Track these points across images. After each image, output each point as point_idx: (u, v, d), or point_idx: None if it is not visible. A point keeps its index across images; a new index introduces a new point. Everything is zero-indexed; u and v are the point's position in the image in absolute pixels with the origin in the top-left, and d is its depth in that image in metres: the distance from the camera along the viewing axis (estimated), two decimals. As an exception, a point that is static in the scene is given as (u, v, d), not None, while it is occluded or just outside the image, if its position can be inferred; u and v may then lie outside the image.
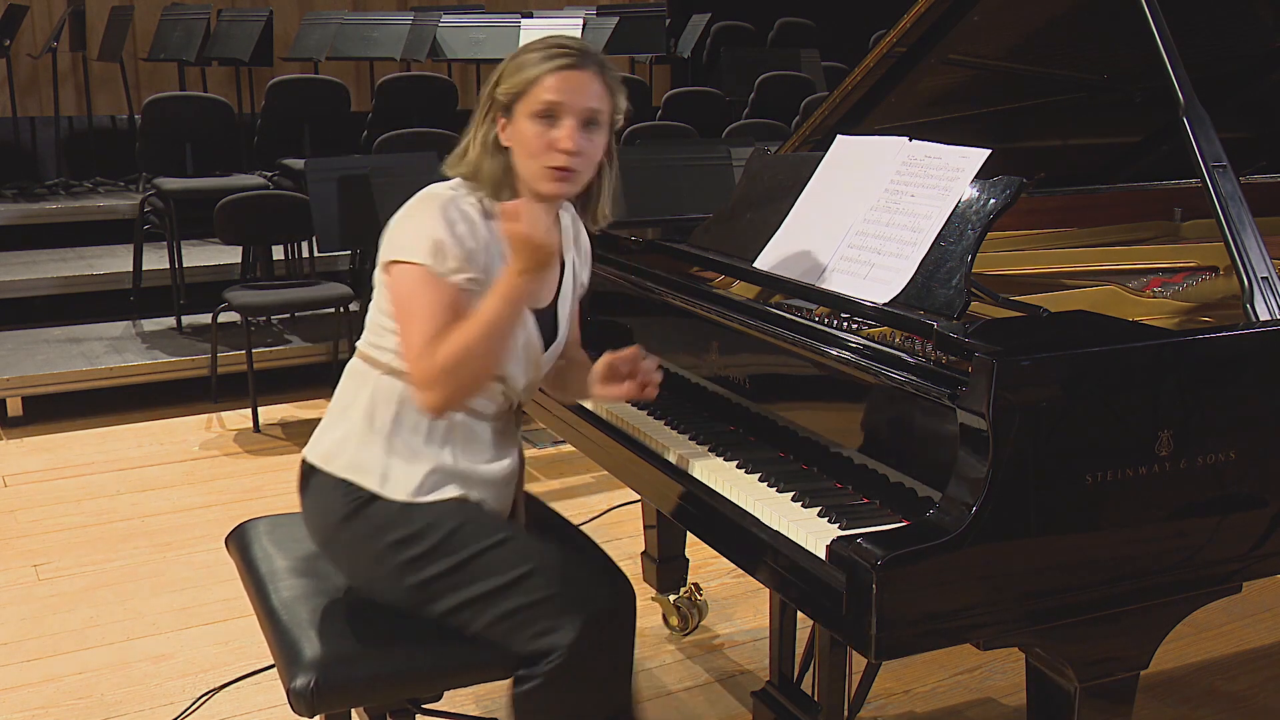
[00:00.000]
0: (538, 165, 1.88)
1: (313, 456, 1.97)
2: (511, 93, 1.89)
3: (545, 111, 1.86)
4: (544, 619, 1.80)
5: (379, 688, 1.85)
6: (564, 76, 1.86)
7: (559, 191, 1.89)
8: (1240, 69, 2.66)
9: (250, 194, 4.83)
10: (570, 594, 1.82)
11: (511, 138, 1.91)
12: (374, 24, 7.23)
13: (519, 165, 1.91)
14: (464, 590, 1.83)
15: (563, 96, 1.85)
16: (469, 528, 1.87)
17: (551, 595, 1.81)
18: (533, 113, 1.87)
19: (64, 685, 2.82)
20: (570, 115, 1.86)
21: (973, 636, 1.55)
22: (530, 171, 1.90)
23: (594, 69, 1.88)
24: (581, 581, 1.85)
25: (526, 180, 1.91)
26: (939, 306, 1.78)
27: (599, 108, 1.88)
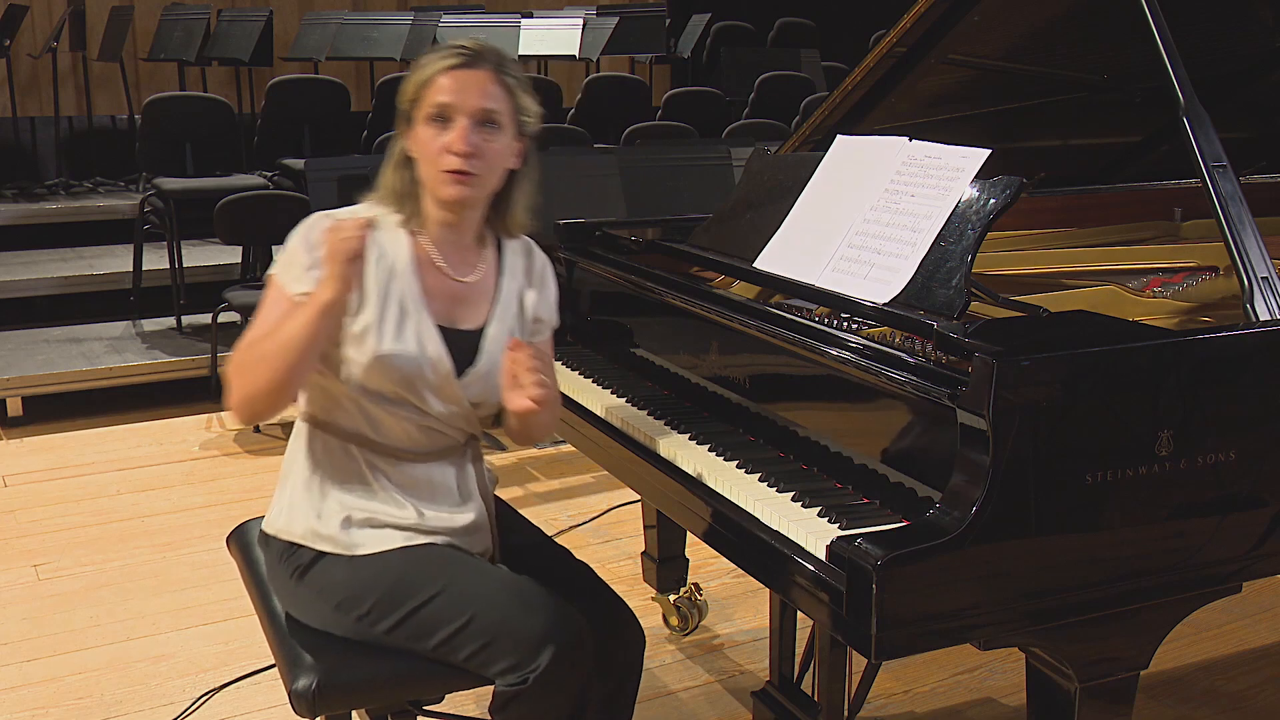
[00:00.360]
0: (434, 170, 1.85)
1: (265, 525, 1.99)
2: (409, 100, 1.88)
3: (438, 114, 1.83)
4: (497, 660, 1.78)
5: (380, 689, 1.85)
6: (454, 76, 1.83)
7: (457, 195, 1.85)
8: (1240, 69, 2.66)
9: (250, 194, 4.83)
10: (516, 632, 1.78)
11: (413, 146, 1.88)
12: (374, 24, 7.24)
13: (422, 173, 1.89)
14: (422, 641, 1.82)
15: (453, 97, 1.83)
16: (406, 581, 1.83)
17: (495, 638, 1.78)
18: (427, 116, 1.84)
19: (64, 685, 2.82)
20: (462, 115, 1.82)
21: (973, 636, 1.55)
22: (429, 177, 1.87)
23: (488, 68, 1.85)
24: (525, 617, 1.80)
25: (429, 188, 1.88)
26: (939, 306, 1.78)
27: (494, 107, 1.84)
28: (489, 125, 1.85)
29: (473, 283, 1.95)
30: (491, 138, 1.85)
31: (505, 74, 1.87)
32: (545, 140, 5.55)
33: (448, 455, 1.95)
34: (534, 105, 1.92)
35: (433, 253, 1.92)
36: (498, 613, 1.80)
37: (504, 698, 1.79)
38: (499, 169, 1.89)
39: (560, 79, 7.45)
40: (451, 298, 1.93)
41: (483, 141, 1.84)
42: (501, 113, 1.86)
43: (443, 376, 1.88)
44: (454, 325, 1.92)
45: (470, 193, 1.87)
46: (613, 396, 2.29)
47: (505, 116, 1.87)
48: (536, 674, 1.76)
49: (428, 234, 1.92)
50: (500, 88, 1.86)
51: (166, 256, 5.55)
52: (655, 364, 2.35)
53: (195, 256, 5.77)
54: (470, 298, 1.95)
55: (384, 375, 1.85)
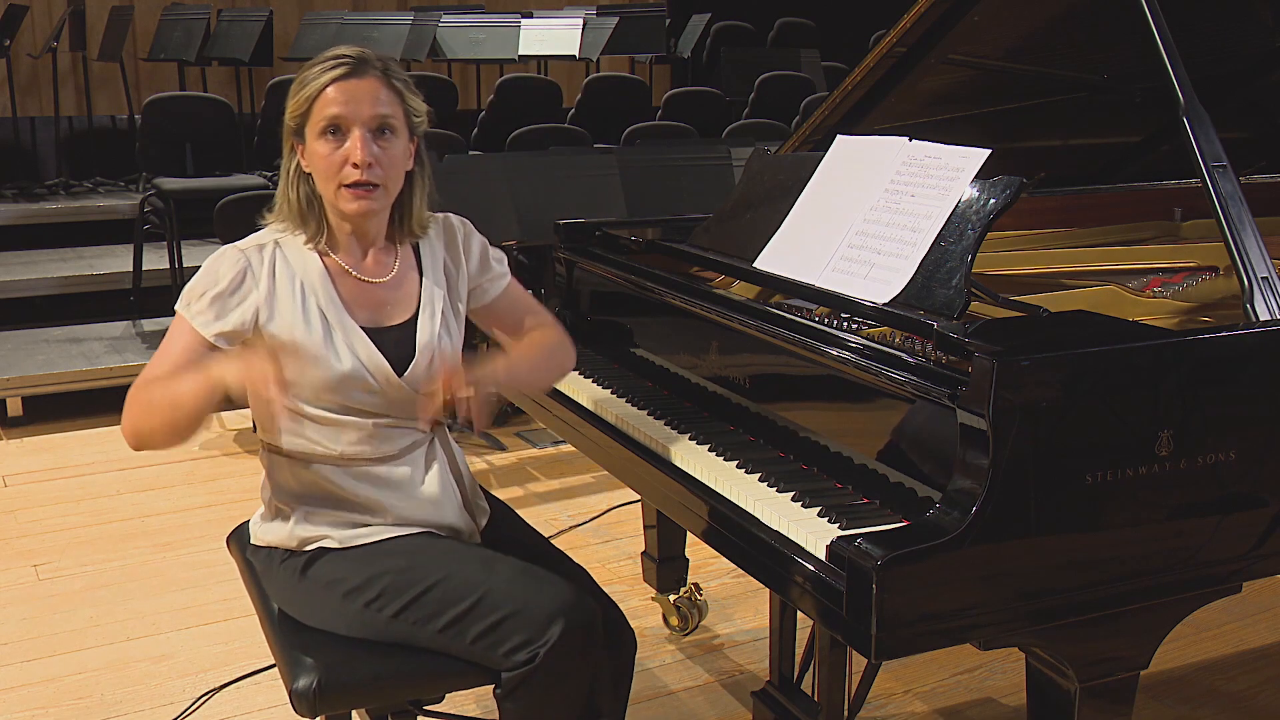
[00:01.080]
0: (334, 185, 1.82)
1: (254, 540, 2.01)
2: (297, 114, 1.84)
3: (331, 127, 1.80)
4: (508, 638, 1.78)
5: (381, 689, 1.85)
6: (343, 87, 1.80)
7: (362, 208, 1.83)
8: (1240, 69, 2.66)
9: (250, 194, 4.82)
10: (527, 608, 1.79)
11: (308, 162, 1.85)
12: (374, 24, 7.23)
13: (320, 190, 1.86)
14: (429, 624, 1.82)
15: (345, 108, 1.79)
16: (416, 564, 1.85)
17: (508, 614, 1.78)
18: (319, 131, 1.81)
19: (64, 685, 2.82)
20: (357, 125, 1.80)
21: (973, 636, 1.55)
22: (330, 194, 1.84)
23: (375, 74, 1.82)
24: (536, 594, 1.81)
25: (330, 204, 1.86)
26: (939, 306, 1.78)
27: (387, 113, 1.82)
28: (385, 133, 1.82)
29: (391, 280, 1.94)
30: (388, 145, 1.83)
31: (393, 77, 1.84)
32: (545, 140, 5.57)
33: (413, 449, 1.95)
34: (422, 104, 1.90)
35: (343, 263, 1.91)
36: (508, 591, 1.81)
37: (512, 681, 1.78)
38: (399, 174, 1.88)
39: (560, 79, 7.45)
40: (373, 301, 1.92)
41: (381, 150, 1.82)
42: (395, 117, 1.83)
43: (384, 378, 1.88)
44: (382, 324, 1.91)
45: (375, 204, 1.85)
46: (613, 396, 2.29)
47: (398, 121, 1.84)
48: (547, 648, 1.75)
49: (335, 246, 1.91)
50: (390, 92, 1.83)
51: (166, 256, 5.55)
52: (655, 364, 2.36)
53: (195, 256, 5.75)
54: (392, 296, 1.94)
55: (328, 391, 1.85)
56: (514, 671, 1.78)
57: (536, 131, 5.73)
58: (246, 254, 1.87)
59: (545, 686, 1.78)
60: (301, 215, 1.89)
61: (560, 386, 2.42)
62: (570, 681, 1.81)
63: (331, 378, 1.84)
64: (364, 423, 1.88)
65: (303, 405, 1.86)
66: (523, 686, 1.78)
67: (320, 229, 1.89)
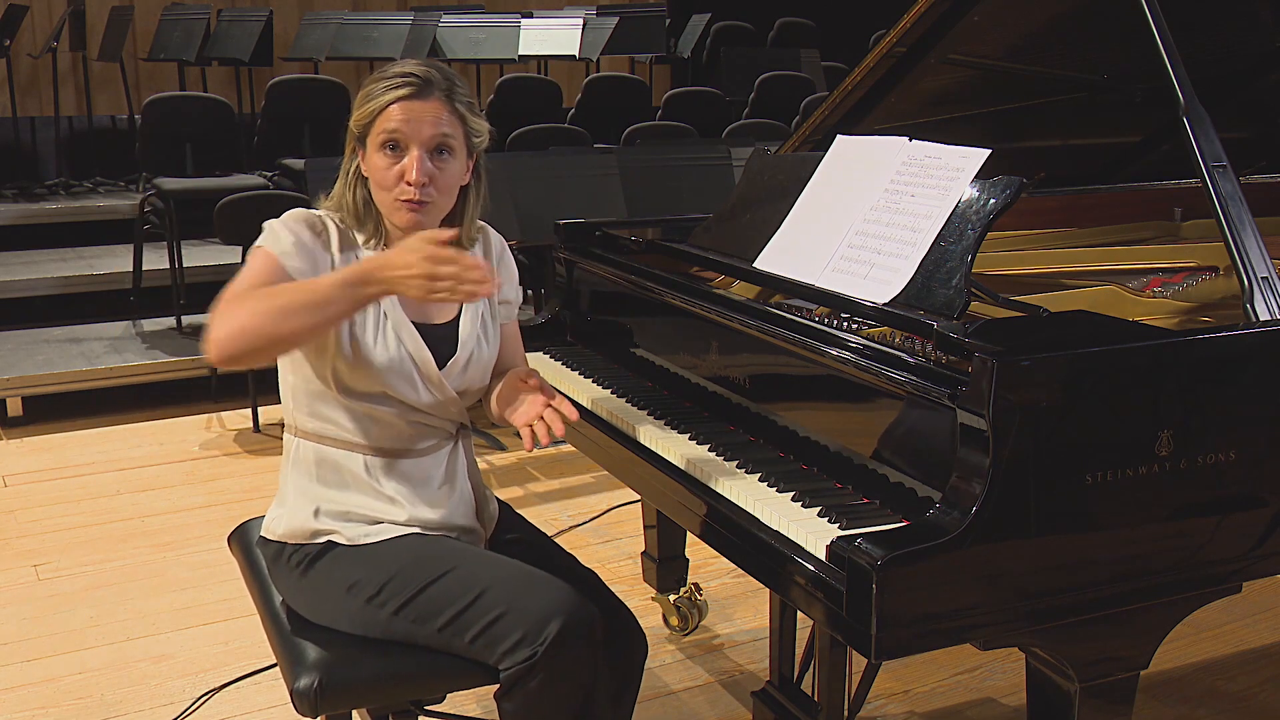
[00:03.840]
0: (389, 197, 1.88)
1: (264, 531, 2.02)
2: (361, 124, 1.90)
3: (391, 142, 1.86)
4: (506, 636, 1.79)
5: (382, 688, 1.85)
6: (406, 106, 1.85)
7: (412, 222, 1.87)
8: (1240, 69, 2.66)
9: (250, 194, 4.83)
10: (524, 606, 1.80)
11: (367, 169, 1.91)
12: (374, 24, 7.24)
13: (375, 197, 1.92)
14: (429, 622, 1.83)
15: (407, 127, 1.85)
16: (418, 562, 1.87)
17: (505, 612, 1.79)
18: (380, 144, 1.87)
19: (64, 685, 2.82)
20: (416, 145, 1.85)
21: (973, 636, 1.55)
22: (384, 203, 1.90)
23: (439, 96, 1.87)
24: (534, 593, 1.82)
25: (384, 212, 1.92)
26: (939, 306, 1.78)
27: (448, 133, 1.87)
28: (442, 153, 1.88)
29: None
30: (445, 164, 1.88)
31: (456, 100, 1.89)
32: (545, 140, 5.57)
33: (438, 448, 1.98)
34: (484, 125, 1.95)
35: None
36: (507, 590, 1.82)
37: (511, 679, 1.79)
38: (452, 192, 1.93)
39: (560, 79, 7.45)
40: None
41: (437, 170, 1.87)
42: (454, 138, 1.89)
43: (426, 370, 1.92)
44: (429, 321, 1.96)
45: (425, 219, 1.89)
46: (613, 396, 2.29)
47: (458, 141, 1.90)
48: (545, 645, 1.76)
49: (390, 245, 1.94)
50: (452, 114, 1.88)
51: (166, 256, 5.54)
52: (655, 364, 2.36)
53: (195, 256, 5.77)
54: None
55: (372, 376, 1.89)
56: (512, 670, 1.78)
57: (536, 131, 5.73)
58: (325, 220, 1.93)
59: (543, 685, 1.78)
60: (359, 217, 1.95)
61: (560, 386, 2.42)
62: (569, 681, 1.81)
63: (379, 362, 1.88)
64: (398, 413, 1.92)
65: (341, 391, 1.90)
66: (520, 685, 1.78)
67: (378, 230, 1.94)
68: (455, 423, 2.01)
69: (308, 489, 1.96)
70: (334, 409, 1.92)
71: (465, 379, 1.98)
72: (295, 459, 1.98)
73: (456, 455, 2.01)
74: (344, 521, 1.92)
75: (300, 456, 1.97)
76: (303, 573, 1.93)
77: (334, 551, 1.91)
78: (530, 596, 1.81)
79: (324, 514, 1.93)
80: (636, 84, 7.51)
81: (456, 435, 2.02)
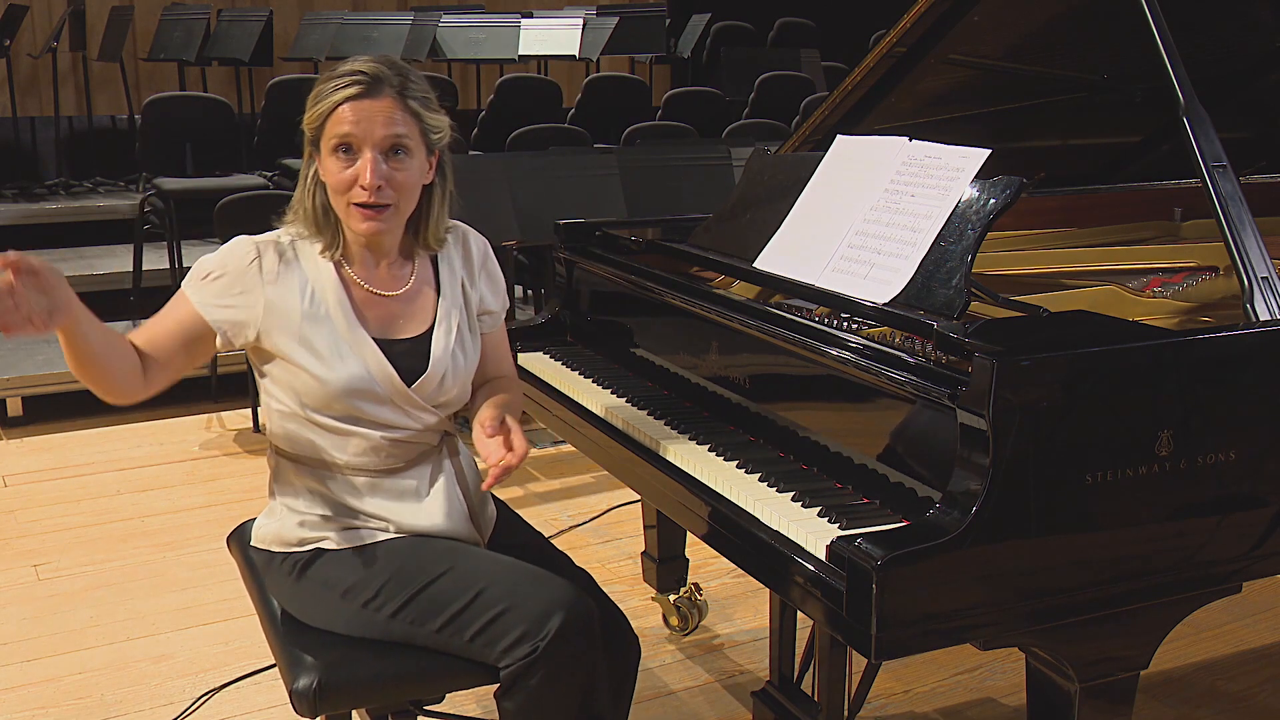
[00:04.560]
0: (344, 202, 1.81)
1: (254, 541, 2.00)
2: (313, 127, 1.81)
3: (343, 145, 1.78)
4: (506, 633, 1.78)
5: (381, 689, 1.85)
6: (356, 106, 1.76)
7: (371, 229, 1.81)
8: (1240, 69, 2.66)
9: (250, 194, 4.82)
10: (524, 602, 1.79)
11: (323, 174, 1.83)
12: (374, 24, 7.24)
13: (332, 202, 1.84)
14: (427, 622, 1.82)
15: (358, 129, 1.76)
16: (415, 562, 1.85)
17: (505, 609, 1.78)
18: (332, 148, 1.79)
19: (64, 685, 2.82)
20: (369, 147, 1.77)
21: (973, 636, 1.55)
22: (340, 209, 1.83)
23: (390, 94, 1.78)
24: (533, 589, 1.81)
25: (341, 218, 1.85)
26: (939, 306, 1.78)
27: (401, 133, 1.78)
28: (398, 153, 1.80)
29: (404, 294, 1.93)
30: (401, 165, 1.80)
31: (409, 96, 1.80)
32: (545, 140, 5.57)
33: (421, 461, 1.94)
34: (442, 120, 1.86)
35: (357, 274, 1.89)
36: (506, 587, 1.81)
37: (512, 677, 1.78)
38: (412, 194, 1.85)
39: (560, 79, 7.45)
40: (385, 313, 1.91)
41: (393, 171, 1.79)
42: (409, 137, 1.80)
43: (392, 388, 1.87)
44: (396, 335, 1.90)
45: (384, 225, 1.83)
46: (613, 396, 2.29)
47: (414, 140, 1.81)
48: (547, 641, 1.75)
49: (349, 258, 1.89)
50: (405, 112, 1.79)
51: (166, 256, 5.54)
52: (655, 364, 2.35)
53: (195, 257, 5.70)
54: (405, 309, 1.93)
55: (336, 399, 1.84)
56: (512, 667, 1.78)
57: (536, 131, 5.73)
58: (260, 247, 1.86)
59: (544, 682, 1.78)
60: (318, 224, 1.87)
61: (560, 387, 2.42)
62: (569, 677, 1.80)
63: (338, 384, 1.83)
64: (371, 434, 1.87)
65: (311, 414, 1.86)
66: (521, 682, 1.78)
67: (335, 240, 1.87)
68: (438, 434, 1.96)
69: (291, 503, 1.94)
70: (309, 431, 1.88)
71: (442, 393, 1.91)
72: (277, 473, 1.97)
73: (442, 465, 1.96)
74: (330, 530, 1.91)
75: (279, 471, 1.96)
76: (296, 579, 1.91)
77: (325, 556, 1.90)
78: (530, 593, 1.80)
79: (308, 525, 1.91)
80: (636, 84, 7.51)
81: (441, 445, 1.97)
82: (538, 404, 2.49)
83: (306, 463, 1.91)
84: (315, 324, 1.84)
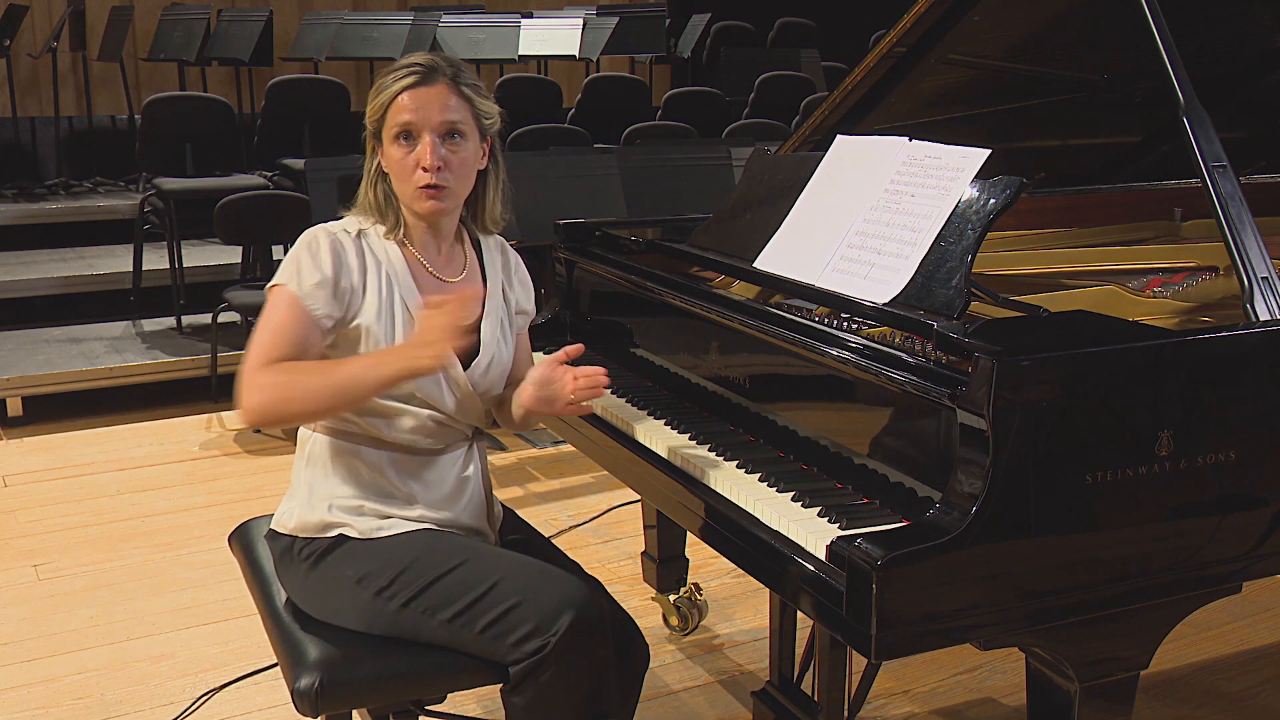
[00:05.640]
0: (409, 187, 1.93)
1: (275, 524, 2.03)
2: (374, 119, 1.95)
3: (403, 132, 1.91)
4: (518, 626, 1.80)
5: (383, 688, 1.85)
6: (413, 95, 1.90)
7: (433, 209, 1.94)
8: (1240, 69, 2.66)
9: (250, 194, 4.83)
10: (537, 597, 1.81)
11: (386, 163, 1.96)
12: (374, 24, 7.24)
13: (396, 189, 1.96)
14: (439, 613, 1.84)
15: (415, 115, 1.90)
16: (431, 554, 1.89)
17: (518, 603, 1.81)
18: (394, 136, 1.92)
19: (64, 685, 2.82)
20: (427, 131, 1.90)
21: (973, 636, 1.55)
22: (404, 194, 1.95)
23: (443, 81, 1.92)
24: (546, 585, 1.84)
25: (405, 203, 1.96)
26: (939, 306, 1.78)
27: (456, 118, 1.92)
28: (454, 137, 1.92)
29: (461, 281, 2.04)
30: (458, 148, 1.93)
31: (461, 83, 1.94)
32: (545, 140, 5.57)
33: (455, 449, 2.01)
34: (492, 106, 2.00)
35: (420, 257, 2.00)
36: (520, 582, 1.84)
37: (521, 674, 1.80)
38: (469, 175, 1.98)
39: (560, 79, 7.45)
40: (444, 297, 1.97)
41: (450, 154, 1.92)
42: (464, 122, 1.93)
43: (453, 371, 1.95)
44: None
45: (445, 205, 1.95)
46: (612, 396, 2.29)
47: (468, 125, 1.94)
48: (558, 637, 1.77)
49: (412, 240, 2.01)
50: (459, 98, 1.93)
51: (166, 256, 5.55)
52: (655, 364, 2.36)
53: (195, 256, 5.77)
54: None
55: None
56: (522, 664, 1.79)
57: (536, 131, 5.73)
58: (338, 237, 1.95)
59: (554, 678, 1.79)
60: (380, 210, 1.99)
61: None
62: (579, 675, 1.81)
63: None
64: (420, 413, 1.95)
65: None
66: (531, 678, 1.79)
67: (398, 223, 1.99)
68: (473, 426, 2.04)
69: (320, 485, 1.97)
70: (361, 407, 1.93)
71: (487, 380, 2.02)
72: (310, 455, 1.99)
73: (471, 458, 2.04)
74: (356, 515, 1.94)
75: (315, 452, 1.98)
76: (312, 565, 1.93)
77: (345, 545, 1.92)
78: (543, 589, 1.83)
79: (336, 508, 1.94)
80: (636, 84, 7.51)
81: (473, 438, 2.05)
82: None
83: (353, 440, 1.95)
84: (391, 306, 1.94)
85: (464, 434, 2.02)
